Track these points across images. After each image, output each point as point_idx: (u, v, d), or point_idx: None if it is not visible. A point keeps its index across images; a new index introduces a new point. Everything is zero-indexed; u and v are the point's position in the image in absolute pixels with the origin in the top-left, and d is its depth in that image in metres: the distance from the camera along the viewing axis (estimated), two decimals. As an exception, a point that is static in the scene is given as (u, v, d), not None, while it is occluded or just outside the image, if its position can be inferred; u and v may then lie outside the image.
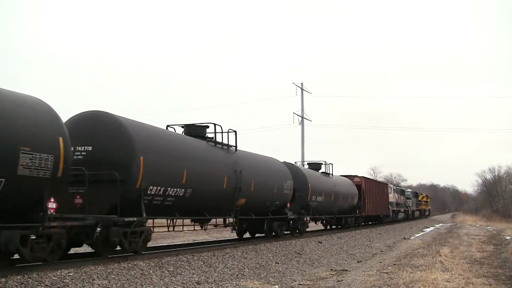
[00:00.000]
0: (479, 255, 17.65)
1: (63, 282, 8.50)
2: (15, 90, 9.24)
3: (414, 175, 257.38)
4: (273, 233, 19.04)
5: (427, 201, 68.03)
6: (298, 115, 45.67)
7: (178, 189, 12.60)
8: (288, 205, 19.56)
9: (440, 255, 15.97)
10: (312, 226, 28.29)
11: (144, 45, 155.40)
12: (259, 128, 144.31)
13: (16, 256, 9.07)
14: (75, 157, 10.88)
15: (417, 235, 32.21)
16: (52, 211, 9.05)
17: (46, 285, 8.18)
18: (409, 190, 56.55)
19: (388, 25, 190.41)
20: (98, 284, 8.86)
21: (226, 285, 10.58)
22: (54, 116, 9.38)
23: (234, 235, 20.20)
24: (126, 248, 11.25)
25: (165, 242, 19.06)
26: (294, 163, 23.08)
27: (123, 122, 11.47)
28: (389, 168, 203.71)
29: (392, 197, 41.61)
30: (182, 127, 15.27)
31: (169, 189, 12.25)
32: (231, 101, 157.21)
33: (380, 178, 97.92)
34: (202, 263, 12.27)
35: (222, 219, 16.55)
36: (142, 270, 10.40)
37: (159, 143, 12.44)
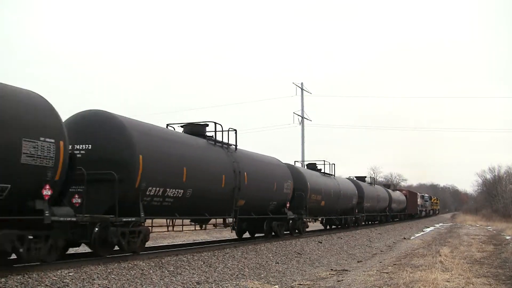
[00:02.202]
0: (479, 255, 17.64)
1: (63, 282, 8.50)
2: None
3: (414, 175, 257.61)
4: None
5: (436, 202, 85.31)
6: (298, 115, 45.68)
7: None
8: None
9: (440, 255, 15.96)
10: (314, 226, 28.31)
11: (145, 46, 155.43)
12: (259, 128, 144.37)
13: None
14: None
15: (417, 235, 32.19)
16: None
17: (46, 285, 8.18)
18: (426, 195, 72.86)
19: (388, 25, 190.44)
20: (98, 284, 8.86)
21: (226, 285, 10.57)
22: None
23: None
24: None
25: (165, 242, 19.06)
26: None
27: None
28: (389, 168, 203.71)
29: (419, 201, 58.94)
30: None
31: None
32: (231, 101, 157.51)
33: (380, 178, 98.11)
34: (202, 263, 12.26)
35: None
36: (142, 270, 10.39)
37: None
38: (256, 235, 19.69)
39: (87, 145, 11.06)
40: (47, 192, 8.91)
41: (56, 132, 9.10)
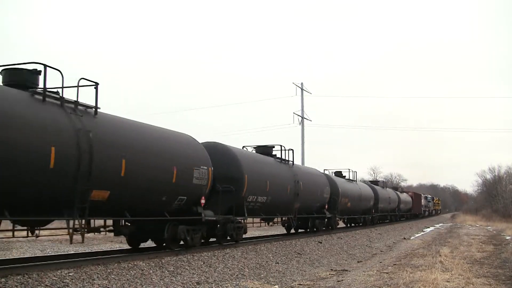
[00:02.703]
0: (479, 255, 17.64)
1: (63, 282, 8.50)
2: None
3: (414, 175, 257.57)
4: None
5: (438, 203, 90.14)
6: (298, 115, 45.72)
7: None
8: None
9: (440, 255, 15.96)
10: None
11: (145, 46, 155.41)
12: (259, 128, 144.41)
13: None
14: None
15: (417, 235, 32.20)
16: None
17: (46, 285, 8.18)
18: (429, 196, 76.80)
19: (388, 25, 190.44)
20: (98, 284, 8.86)
21: (226, 285, 10.58)
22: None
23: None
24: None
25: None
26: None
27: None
28: (389, 168, 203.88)
29: (423, 202, 63.53)
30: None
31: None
32: (231, 101, 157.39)
33: (380, 178, 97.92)
34: (202, 263, 12.26)
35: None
36: (142, 270, 10.39)
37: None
38: (299, 230, 23.94)
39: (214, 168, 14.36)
40: (202, 201, 13.68)
41: (207, 162, 13.83)
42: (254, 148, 19.14)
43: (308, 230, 23.65)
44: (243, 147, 18.27)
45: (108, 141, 10.45)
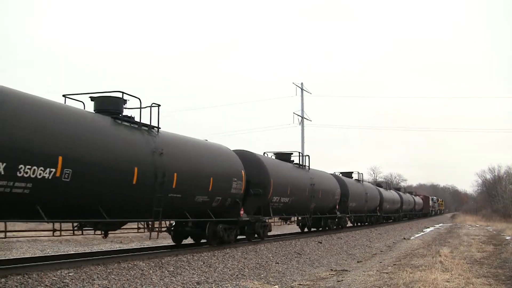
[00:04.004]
0: (479, 255, 17.63)
1: (63, 282, 8.50)
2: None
3: (414, 175, 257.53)
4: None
5: (442, 203, 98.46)
6: (298, 115, 45.74)
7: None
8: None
9: (440, 255, 15.95)
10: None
11: (145, 46, 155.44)
12: (259, 128, 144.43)
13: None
14: None
15: (417, 235, 32.17)
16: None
17: (46, 285, 8.18)
18: (434, 197, 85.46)
19: (388, 25, 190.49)
20: (98, 284, 8.85)
21: (226, 285, 10.57)
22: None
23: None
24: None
25: (164, 242, 19.04)
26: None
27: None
28: (389, 168, 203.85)
29: (430, 203, 73.61)
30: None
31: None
32: (231, 101, 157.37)
33: (380, 178, 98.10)
34: (202, 263, 12.26)
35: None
36: (142, 270, 10.40)
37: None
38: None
39: None
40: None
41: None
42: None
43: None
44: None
45: (315, 182, 18.89)
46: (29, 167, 8.44)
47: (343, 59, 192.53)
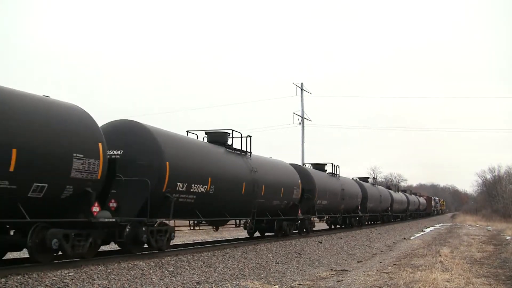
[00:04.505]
0: (479, 255, 17.63)
1: (63, 282, 8.49)
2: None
3: (414, 175, 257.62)
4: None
5: (443, 203, 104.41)
6: (298, 115, 45.79)
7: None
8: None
9: (440, 255, 15.95)
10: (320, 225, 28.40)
11: (145, 46, 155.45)
12: (259, 128, 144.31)
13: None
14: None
15: (417, 235, 32.17)
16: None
17: (46, 285, 8.17)
18: (436, 198, 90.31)
19: (388, 25, 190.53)
20: (98, 284, 8.85)
21: (226, 285, 10.57)
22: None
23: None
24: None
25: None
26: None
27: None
28: (389, 168, 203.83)
29: (433, 203, 79.30)
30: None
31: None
32: (231, 101, 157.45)
33: (380, 178, 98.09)
34: (202, 263, 12.26)
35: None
36: (142, 270, 10.39)
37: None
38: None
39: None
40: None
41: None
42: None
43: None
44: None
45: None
46: (195, 185, 13.26)
47: (343, 59, 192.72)
